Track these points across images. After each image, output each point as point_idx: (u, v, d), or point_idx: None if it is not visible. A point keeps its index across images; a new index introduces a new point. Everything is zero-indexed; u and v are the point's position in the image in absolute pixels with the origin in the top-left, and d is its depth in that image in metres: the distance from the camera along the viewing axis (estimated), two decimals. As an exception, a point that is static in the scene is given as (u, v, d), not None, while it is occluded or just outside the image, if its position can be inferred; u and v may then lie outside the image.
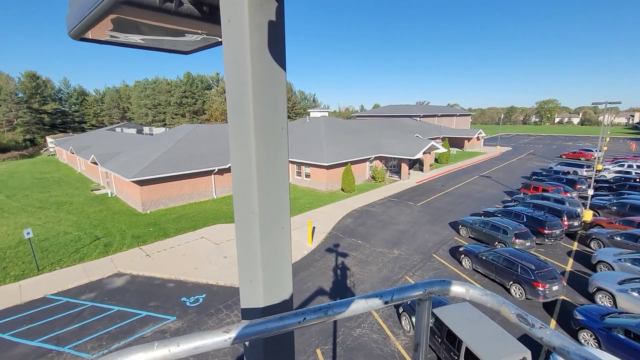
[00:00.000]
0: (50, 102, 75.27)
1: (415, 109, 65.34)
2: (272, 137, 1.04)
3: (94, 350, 10.47)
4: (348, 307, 1.06)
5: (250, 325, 0.94)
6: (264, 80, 0.99)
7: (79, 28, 1.07)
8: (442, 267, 15.99)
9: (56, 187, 33.31)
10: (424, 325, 1.19)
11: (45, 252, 17.12)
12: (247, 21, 0.93)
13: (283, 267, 1.14)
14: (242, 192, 1.09)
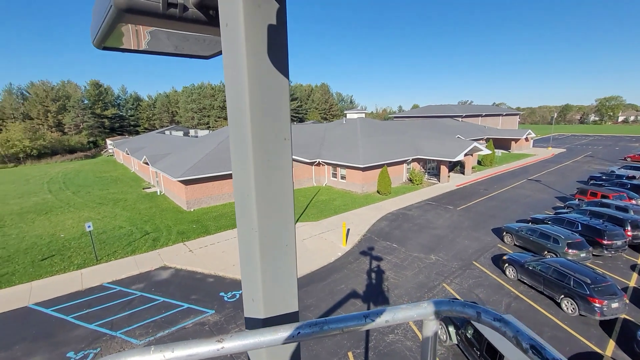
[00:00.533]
0: (110, 108, 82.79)
1: (457, 109, 62.49)
2: (272, 148, 1.00)
3: (141, 336, 11.34)
4: (345, 323, 1.02)
5: (242, 336, 0.92)
6: (262, 87, 0.94)
7: (99, 38, 1.09)
8: (483, 275, 15.13)
9: (113, 185, 36.57)
10: (430, 347, 1.10)
11: (103, 244, 18.86)
12: (243, 25, 0.88)
13: (287, 284, 1.11)
14: (242, 207, 1.05)
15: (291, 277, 1.12)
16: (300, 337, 0.96)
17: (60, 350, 10.66)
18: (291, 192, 1.09)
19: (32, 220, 24.11)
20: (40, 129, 69.44)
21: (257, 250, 1.03)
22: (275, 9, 0.93)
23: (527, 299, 13.21)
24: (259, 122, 0.96)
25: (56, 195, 32.39)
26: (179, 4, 0.96)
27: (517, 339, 0.88)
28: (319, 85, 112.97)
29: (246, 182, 1.01)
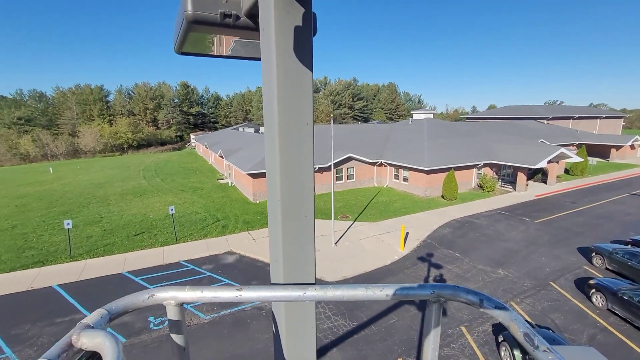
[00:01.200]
0: (195, 106, 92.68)
1: (542, 110, 55.40)
2: (295, 131, 1.16)
3: (207, 312, 12.62)
4: (347, 291, 1.10)
5: (257, 289, 1.08)
6: (288, 79, 1.11)
7: (177, 45, 1.38)
8: (562, 299, 13.34)
9: (193, 175, 40.98)
10: (431, 329, 1.13)
11: (182, 226, 21.34)
12: (274, 27, 1.06)
13: (305, 251, 1.26)
14: (270, 180, 1.23)
15: (309, 245, 1.28)
16: (305, 298, 1.09)
17: (144, 315, 12.43)
18: (311, 170, 1.24)
19: (129, 200, 28.40)
20: (140, 124, 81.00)
21: (280, 218, 1.20)
22: (301, 13, 1.10)
23: (619, 334, 11.29)
24: (285, 109, 1.14)
25: (149, 181, 37.56)
26: (232, 14, 1.20)
27: (514, 326, 0.92)
28: (386, 85, 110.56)
29: (273, 159, 1.19)
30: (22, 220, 23.45)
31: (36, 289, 14.27)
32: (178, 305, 1.10)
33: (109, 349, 0.77)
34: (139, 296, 1.07)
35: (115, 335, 0.82)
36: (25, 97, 77.42)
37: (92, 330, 0.85)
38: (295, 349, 1.35)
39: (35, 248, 18.31)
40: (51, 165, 54.03)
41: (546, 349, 0.82)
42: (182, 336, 1.15)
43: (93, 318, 0.92)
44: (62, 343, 0.81)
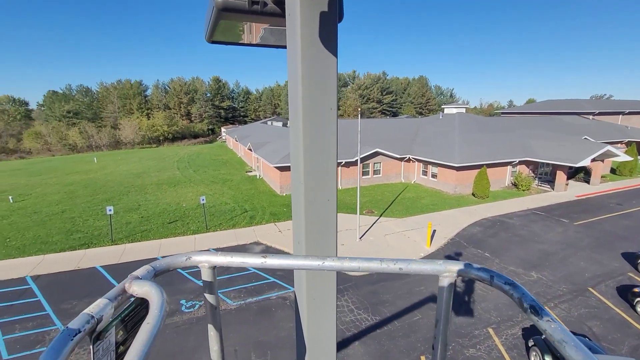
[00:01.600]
0: (226, 100, 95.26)
1: (587, 105, 51.44)
2: (319, 115, 1.19)
3: (235, 299, 13.15)
4: (362, 263, 1.16)
5: (281, 257, 1.17)
6: (313, 64, 1.14)
7: (208, 33, 1.44)
8: (602, 306, 12.54)
9: (224, 167, 42.36)
10: (444, 304, 1.16)
11: (212, 216, 22.23)
12: (299, 13, 1.09)
13: (327, 233, 1.32)
14: (294, 163, 1.27)
15: (331, 227, 1.33)
16: (324, 267, 1.16)
17: (176, 297, 13.18)
18: (334, 155, 1.27)
19: (164, 190, 29.94)
20: (175, 117, 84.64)
21: (302, 200, 1.26)
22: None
23: (665, 347, 10.47)
24: (309, 93, 1.17)
25: (182, 172, 39.32)
26: (260, 1, 1.25)
27: (520, 299, 0.96)
28: (416, 79, 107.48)
29: (297, 142, 1.24)
30: (70, 205, 25.49)
31: (82, 268, 15.54)
32: (211, 267, 1.22)
33: (156, 296, 0.90)
34: (179, 258, 1.21)
35: (159, 286, 0.96)
36: (73, 92, 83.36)
37: (141, 280, 1.00)
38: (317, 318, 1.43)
39: (81, 231, 19.88)
40: (95, 156, 58.04)
41: (549, 319, 0.86)
42: (214, 296, 1.29)
43: (142, 271, 1.07)
44: (117, 289, 0.96)
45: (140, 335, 0.75)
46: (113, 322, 0.89)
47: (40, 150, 66.91)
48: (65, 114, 76.23)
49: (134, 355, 0.70)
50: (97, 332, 0.84)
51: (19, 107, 77.55)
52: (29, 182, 35.57)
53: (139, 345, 0.72)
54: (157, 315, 0.81)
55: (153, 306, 0.85)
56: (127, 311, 0.94)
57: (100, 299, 0.89)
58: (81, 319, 0.81)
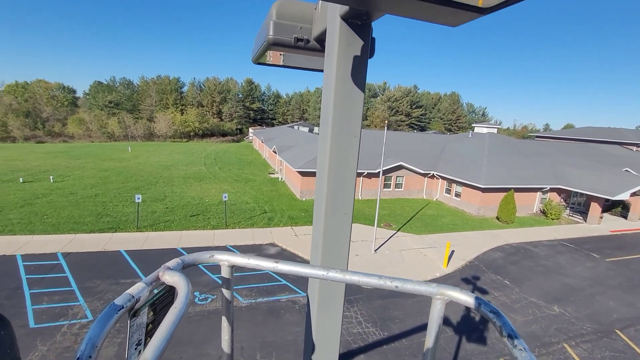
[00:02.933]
0: (256, 102, 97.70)
1: (631, 135, 48.38)
2: (344, 140, 1.38)
3: (246, 297, 13.41)
4: (362, 278, 1.28)
5: (290, 264, 1.32)
6: (343, 98, 1.33)
7: (255, 57, 1.72)
8: (630, 352, 11.70)
9: (248, 167, 43.39)
10: (434, 325, 1.24)
11: (232, 214, 22.82)
12: (336, 55, 1.28)
13: (341, 243, 1.48)
14: (319, 179, 1.45)
15: (345, 238, 1.50)
16: (327, 277, 1.29)
17: (192, 288, 13.61)
18: (354, 174, 1.44)
19: (190, 184, 31.08)
20: (207, 115, 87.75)
21: (323, 212, 1.43)
22: (360, 45, 1.32)
23: (699, 405, 9.61)
24: (338, 122, 1.37)
25: (208, 168, 40.66)
26: (304, 39, 1.50)
27: (501, 327, 1.05)
28: (448, 94, 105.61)
29: (323, 163, 1.42)
30: (103, 190, 27.03)
31: (108, 250, 16.42)
32: (230, 266, 1.41)
33: (183, 285, 1.10)
34: (203, 255, 1.41)
35: (187, 277, 1.14)
36: (117, 84, 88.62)
37: (172, 271, 1.18)
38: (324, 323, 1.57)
39: (110, 215, 21.02)
40: (130, 145, 61.18)
41: (522, 348, 0.94)
42: (230, 292, 1.48)
43: (172, 263, 1.26)
44: (153, 275, 1.16)
45: (168, 317, 0.92)
46: (147, 303, 1.08)
47: (82, 135, 71.39)
48: (107, 104, 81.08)
49: (163, 331, 0.88)
50: (134, 310, 1.02)
51: (67, 94, 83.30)
52: (69, 164, 38.06)
53: (167, 325, 0.89)
54: (183, 302, 0.99)
55: (180, 294, 1.03)
56: (158, 296, 1.13)
57: (140, 283, 1.09)
58: (124, 297, 1.01)
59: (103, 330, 0.87)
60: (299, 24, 1.47)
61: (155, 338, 0.84)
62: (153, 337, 0.85)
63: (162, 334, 0.86)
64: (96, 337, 0.84)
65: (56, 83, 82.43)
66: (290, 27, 1.45)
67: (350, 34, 1.29)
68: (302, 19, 1.48)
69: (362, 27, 1.29)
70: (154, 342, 0.83)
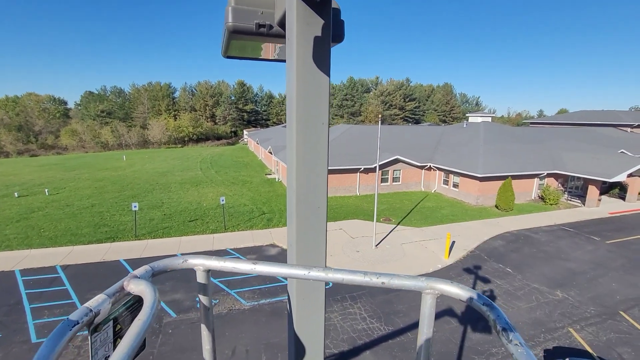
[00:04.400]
0: (249, 104, 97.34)
1: (625, 117, 48.61)
2: (312, 129, 1.29)
3: (249, 299, 13.32)
4: (346, 275, 1.20)
5: (269, 265, 1.24)
6: (306, 82, 1.24)
7: (223, 50, 1.61)
8: (635, 332, 11.72)
9: (244, 169, 43.21)
10: (426, 320, 1.21)
11: (231, 217, 22.69)
12: (295, 36, 1.20)
13: (317, 237, 1.38)
14: (289, 173, 1.36)
15: (321, 233, 1.40)
16: (309, 277, 1.21)
17: (192, 294, 13.51)
18: (325, 166, 1.35)
19: (187, 189, 30.89)
20: (200, 119, 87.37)
21: (294, 207, 1.34)
22: (320, 25, 1.23)
23: None
24: (302, 109, 1.27)
25: (204, 172, 40.44)
26: (266, 24, 1.40)
27: (495, 321, 0.99)
28: (441, 86, 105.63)
29: (291, 154, 1.32)
30: (99, 200, 26.80)
31: (107, 261, 16.27)
32: (206, 271, 1.32)
33: (149, 294, 0.99)
34: (176, 260, 1.31)
35: (154, 285, 1.03)
36: (108, 93, 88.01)
37: (138, 279, 1.09)
38: (305, 325, 1.47)
39: (108, 225, 20.83)
40: (124, 154, 60.78)
41: (518, 343, 0.89)
42: (207, 297, 1.38)
43: (140, 271, 1.16)
44: (116, 286, 1.06)
45: (131, 330, 0.82)
46: (110, 316, 0.97)
47: (76, 146, 70.91)
48: (99, 114, 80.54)
49: (123, 347, 0.77)
50: (94, 325, 0.92)
51: (58, 106, 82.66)
52: (64, 176, 37.73)
53: (129, 339, 0.79)
54: (148, 313, 0.89)
55: (146, 304, 0.93)
56: (125, 307, 1.03)
57: (100, 295, 0.98)
58: (80, 312, 0.90)
59: (55, 350, 0.77)
60: (259, 9, 1.38)
61: (116, 354, 0.76)
62: (114, 353, 0.76)
63: (122, 349, 0.77)
64: (45, 358, 0.75)
65: (47, 95, 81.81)
66: (251, 12, 1.36)
67: (308, 13, 1.20)
68: (262, 3, 1.39)
69: (321, 4, 1.21)
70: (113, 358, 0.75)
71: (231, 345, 10.68)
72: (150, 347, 10.50)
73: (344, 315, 12.38)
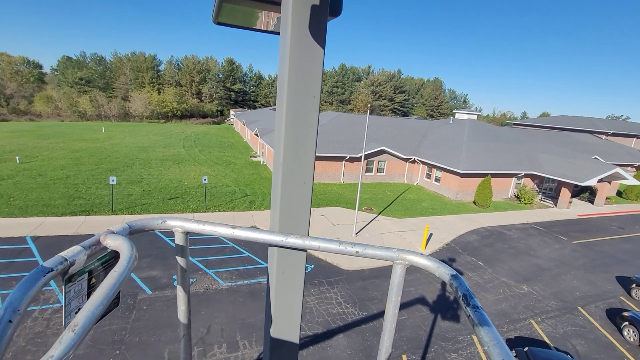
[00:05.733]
0: (238, 83, 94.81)
1: (602, 124, 50.66)
2: (302, 101, 1.25)
3: (227, 280, 13.34)
4: (322, 243, 1.24)
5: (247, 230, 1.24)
6: (300, 53, 1.18)
7: (214, 15, 1.50)
8: (589, 326, 12.58)
9: (229, 149, 42.47)
10: (395, 288, 1.27)
11: (212, 197, 22.41)
12: (291, 3, 1.14)
13: (300, 213, 1.38)
14: (276, 144, 1.33)
15: (305, 209, 1.39)
16: (287, 244, 1.24)
17: (170, 272, 13.40)
18: (314, 141, 1.33)
19: (168, 166, 30.14)
20: (185, 95, 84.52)
21: (280, 180, 1.33)
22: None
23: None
24: (294, 80, 1.22)
25: (187, 150, 39.50)
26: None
27: (457, 288, 1.05)
28: (431, 80, 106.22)
29: (280, 125, 1.28)
30: (75, 172, 25.79)
31: (81, 234, 15.80)
32: (184, 233, 1.31)
33: (126, 249, 0.98)
34: (155, 220, 1.28)
35: (131, 241, 1.02)
36: (87, 59, 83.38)
37: (115, 235, 1.07)
38: (284, 297, 1.49)
39: (83, 198, 20.15)
40: (103, 125, 58.36)
41: (476, 306, 0.95)
42: (185, 260, 1.39)
43: (118, 227, 1.15)
44: (92, 240, 1.05)
45: (106, 280, 0.81)
46: (86, 268, 0.96)
47: (51, 114, 67.36)
48: (77, 81, 76.44)
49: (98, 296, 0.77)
50: (69, 275, 0.90)
51: (32, 70, 77.79)
52: (37, 144, 35.96)
53: (104, 289, 0.79)
54: (124, 266, 0.88)
55: (122, 257, 0.92)
56: (100, 261, 1.01)
57: (75, 246, 0.96)
58: (55, 260, 0.89)
59: (27, 294, 0.77)
60: None
61: (88, 303, 0.75)
62: (87, 301, 0.76)
63: (96, 298, 0.76)
64: (18, 301, 0.75)
65: (20, 57, 76.68)
66: None
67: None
68: None
69: None
70: (87, 307, 0.74)
71: (206, 323, 10.74)
72: (123, 322, 10.41)
73: (320, 299, 12.63)
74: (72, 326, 0.70)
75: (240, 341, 10.16)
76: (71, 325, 0.71)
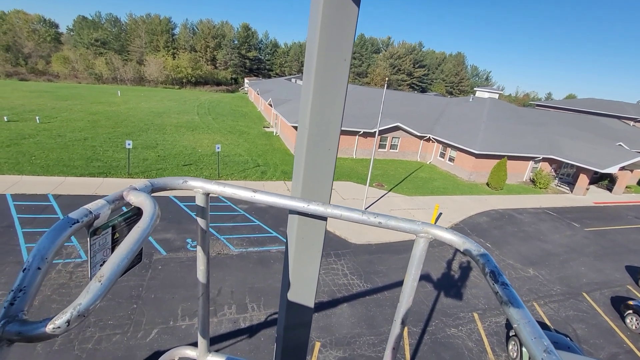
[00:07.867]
0: (253, 51, 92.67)
1: (631, 110, 47.90)
2: (332, 64, 1.18)
3: (237, 246, 13.80)
4: (344, 212, 1.24)
5: (268, 195, 1.25)
6: (333, 11, 1.10)
7: None
8: (592, 312, 12.67)
9: (242, 119, 42.34)
10: (416, 261, 1.25)
11: (225, 165, 22.68)
12: None
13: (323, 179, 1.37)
14: (302, 109, 1.29)
15: (329, 175, 1.38)
16: (308, 210, 1.25)
17: (183, 236, 13.92)
18: (341, 108, 1.28)
19: (182, 133, 30.41)
20: (200, 61, 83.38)
21: (305, 145, 1.29)
22: None
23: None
24: (326, 41, 1.15)
25: (201, 117, 39.56)
26: None
27: (484, 265, 1.02)
28: (453, 55, 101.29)
29: (307, 88, 1.23)
30: (92, 134, 26.32)
31: (99, 194, 16.39)
32: (205, 194, 1.32)
33: (149, 205, 1.00)
34: (177, 180, 1.30)
35: (154, 198, 1.06)
36: (102, 20, 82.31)
37: (138, 191, 1.10)
38: (302, 263, 1.53)
39: (101, 160, 20.70)
40: (119, 89, 58.60)
41: (505, 283, 0.93)
42: (205, 221, 1.42)
43: (139, 184, 1.17)
44: (116, 194, 1.07)
45: (130, 235, 0.84)
46: (110, 222, 1.00)
47: (68, 75, 67.81)
48: (93, 42, 76.02)
49: (122, 249, 0.80)
50: (94, 227, 0.95)
51: (49, 29, 77.46)
52: (56, 105, 36.56)
53: (128, 244, 0.82)
54: (147, 222, 0.91)
55: (146, 214, 0.95)
56: (123, 217, 1.05)
57: (100, 200, 0.99)
58: (80, 212, 0.91)
59: (54, 243, 0.80)
60: None
61: (114, 256, 0.78)
62: (112, 255, 0.79)
63: (121, 251, 0.79)
64: (46, 249, 0.77)
65: (36, 15, 76.17)
66: None
67: None
68: None
69: None
70: (112, 259, 0.77)
71: (217, 285, 11.27)
72: (140, 279, 11.02)
73: (327, 270, 13.00)
74: (98, 277, 0.73)
75: (249, 304, 10.67)
76: (97, 276, 0.73)
